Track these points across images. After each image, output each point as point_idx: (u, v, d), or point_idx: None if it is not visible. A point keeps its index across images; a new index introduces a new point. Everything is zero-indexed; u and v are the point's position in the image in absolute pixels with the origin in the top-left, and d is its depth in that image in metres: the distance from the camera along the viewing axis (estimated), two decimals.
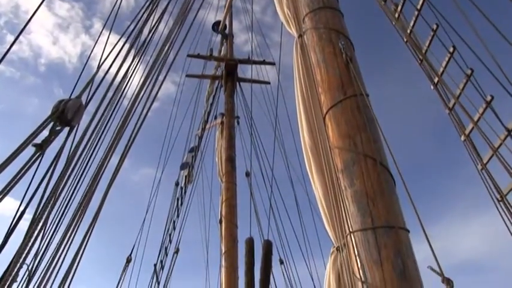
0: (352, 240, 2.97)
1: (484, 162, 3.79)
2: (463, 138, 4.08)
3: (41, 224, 2.71)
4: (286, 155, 10.66)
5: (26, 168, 2.45)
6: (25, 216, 2.87)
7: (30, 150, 2.78)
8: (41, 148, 2.57)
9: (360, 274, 2.83)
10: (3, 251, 2.75)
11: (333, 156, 3.36)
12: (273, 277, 9.48)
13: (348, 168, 3.20)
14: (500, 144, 3.56)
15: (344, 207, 3.08)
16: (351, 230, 2.99)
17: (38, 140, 2.77)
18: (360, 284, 2.81)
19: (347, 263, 3.02)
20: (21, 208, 2.63)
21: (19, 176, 2.43)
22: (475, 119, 3.77)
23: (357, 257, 2.89)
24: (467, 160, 3.96)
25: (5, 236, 2.86)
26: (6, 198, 2.47)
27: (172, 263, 10.07)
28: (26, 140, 2.54)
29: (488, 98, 3.72)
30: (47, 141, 2.61)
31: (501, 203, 3.28)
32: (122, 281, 8.76)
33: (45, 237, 3.24)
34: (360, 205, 3.01)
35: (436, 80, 4.28)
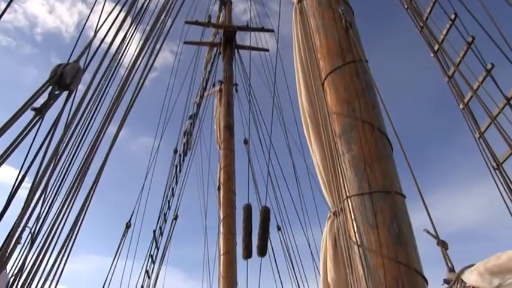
0: (349, 205, 3.02)
1: (482, 130, 3.80)
2: (461, 106, 4.08)
3: (41, 188, 2.73)
4: (285, 122, 10.67)
5: (25, 132, 2.45)
6: (25, 185, 2.90)
7: (29, 115, 2.78)
8: (40, 112, 2.57)
9: (356, 237, 2.89)
10: (8, 216, 2.79)
11: (331, 122, 3.37)
12: (271, 243, 9.63)
13: (345, 134, 3.22)
14: (499, 113, 3.56)
15: (341, 173, 3.11)
16: (347, 194, 3.03)
17: (37, 104, 2.77)
18: (355, 247, 2.87)
19: (343, 227, 3.08)
20: (22, 172, 2.64)
21: (19, 139, 2.44)
22: (475, 87, 3.76)
23: (354, 221, 2.94)
24: (465, 130, 3.96)
25: (7, 200, 2.90)
26: (6, 167, 2.49)
27: (171, 229, 10.20)
28: (24, 104, 2.54)
29: (489, 66, 3.70)
30: (46, 105, 2.61)
31: (497, 171, 3.31)
32: (121, 246, 8.86)
33: (46, 202, 3.28)
34: (357, 170, 3.05)
35: (436, 47, 4.25)
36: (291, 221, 10.39)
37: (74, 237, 3.42)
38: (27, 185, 2.92)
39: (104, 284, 8.32)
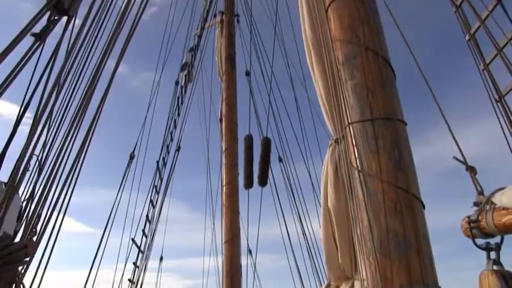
0: (350, 132, 3.05)
1: (487, 62, 3.75)
2: (467, 37, 4.00)
3: (45, 115, 2.77)
4: (286, 52, 10.54)
5: (27, 58, 2.44)
6: (29, 115, 2.92)
7: (29, 42, 2.76)
8: (40, 38, 2.54)
9: (356, 163, 2.94)
10: (16, 147, 2.84)
11: (334, 49, 3.33)
12: (272, 174, 9.82)
13: (349, 61, 3.20)
14: (506, 44, 3.50)
15: (344, 99, 3.12)
16: (349, 121, 3.06)
17: (36, 31, 2.74)
18: (356, 172, 2.93)
19: (345, 153, 3.13)
20: (26, 99, 2.67)
21: (21, 65, 2.44)
22: (483, 17, 3.68)
23: (355, 147, 2.99)
24: (470, 65, 3.90)
25: (13, 127, 2.94)
26: (7, 103, 2.51)
27: (174, 160, 10.35)
28: (23, 29, 2.51)
29: None
30: (46, 31, 2.58)
31: (499, 103, 3.31)
32: (126, 177, 9.03)
33: (51, 130, 3.33)
34: (359, 97, 3.05)
35: None
36: (292, 153, 10.52)
37: (79, 164, 3.49)
38: (30, 117, 2.95)
39: (110, 214, 8.56)
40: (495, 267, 2.19)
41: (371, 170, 2.85)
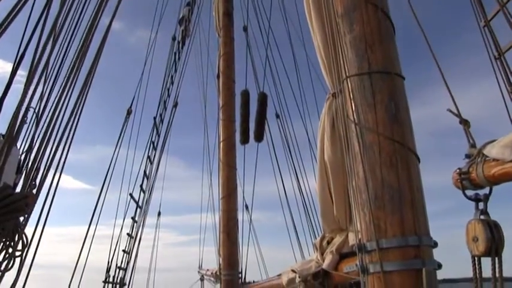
0: (348, 85, 3.05)
1: (489, 18, 3.69)
2: None
3: (42, 65, 2.75)
4: (285, 6, 10.37)
5: (20, 4, 2.40)
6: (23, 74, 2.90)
7: None
8: None
9: (353, 116, 2.96)
10: (12, 103, 2.84)
11: (333, 1, 3.28)
12: (269, 131, 9.85)
13: (348, 14, 3.15)
14: (509, 0, 3.44)
15: (342, 53, 3.10)
16: (347, 74, 3.05)
17: None
18: (353, 125, 2.95)
19: (342, 107, 3.13)
20: (22, 49, 2.64)
21: (15, 11, 2.39)
22: None
23: (352, 101, 2.99)
24: (472, 26, 3.84)
25: (8, 80, 2.92)
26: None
27: (172, 116, 10.35)
28: None
29: None
30: None
31: (498, 61, 3.28)
32: (123, 132, 9.04)
33: (48, 82, 3.31)
34: (358, 51, 3.03)
35: None
36: (290, 110, 10.52)
37: (77, 116, 3.50)
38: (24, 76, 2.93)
39: (108, 170, 8.62)
40: (482, 217, 2.25)
41: (367, 123, 2.87)
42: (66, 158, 3.58)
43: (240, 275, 10.16)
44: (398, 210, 2.66)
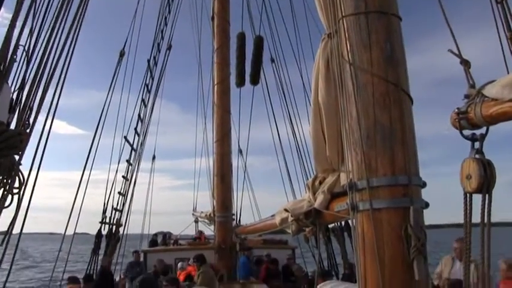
0: (344, 25, 3.00)
1: None
2: None
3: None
4: None
5: None
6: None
7: None
8: None
9: (348, 57, 2.93)
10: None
11: None
12: (264, 75, 9.78)
13: None
14: None
15: None
16: (343, 14, 2.99)
17: None
18: (347, 66, 2.92)
19: (337, 47, 3.09)
20: None
21: None
22: None
23: (347, 41, 2.95)
24: None
25: None
26: None
27: (165, 59, 10.22)
28: None
29: None
30: None
31: (499, 5, 3.21)
32: (116, 74, 8.93)
33: (37, 17, 3.23)
34: None
35: None
36: (285, 55, 10.43)
37: (69, 55, 3.44)
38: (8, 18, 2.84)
39: (101, 114, 8.59)
40: (477, 156, 2.29)
41: (362, 64, 2.85)
42: (59, 97, 3.55)
43: (234, 218, 10.41)
44: (389, 150, 2.69)
